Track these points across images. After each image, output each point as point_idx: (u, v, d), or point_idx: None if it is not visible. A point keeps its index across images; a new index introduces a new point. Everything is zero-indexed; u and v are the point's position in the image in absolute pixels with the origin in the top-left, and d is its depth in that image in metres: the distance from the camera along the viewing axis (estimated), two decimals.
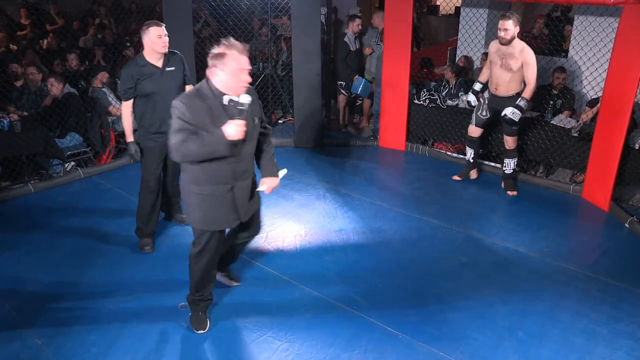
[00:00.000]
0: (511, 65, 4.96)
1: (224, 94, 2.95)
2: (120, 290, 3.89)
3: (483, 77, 5.40)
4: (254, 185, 3.32)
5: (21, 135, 5.37)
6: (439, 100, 6.42)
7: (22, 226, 4.79)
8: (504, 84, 5.08)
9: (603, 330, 3.52)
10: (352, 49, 6.98)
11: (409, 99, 6.46)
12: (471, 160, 5.66)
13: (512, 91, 5.07)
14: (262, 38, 8.51)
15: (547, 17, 8.35)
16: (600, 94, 5.43)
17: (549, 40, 7.20)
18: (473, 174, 5.73)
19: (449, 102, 6.42)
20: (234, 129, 2.88)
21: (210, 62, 2.94)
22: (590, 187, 5.31)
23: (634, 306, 3.76)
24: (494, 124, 5.51)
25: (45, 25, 9.03)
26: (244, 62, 2.92)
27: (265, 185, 3.34)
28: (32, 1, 9.11)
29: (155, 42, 3.99)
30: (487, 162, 6.04)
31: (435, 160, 6.39)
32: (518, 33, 4.90)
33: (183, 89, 4.30)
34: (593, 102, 5.81)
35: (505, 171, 5.49)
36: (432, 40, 11.27)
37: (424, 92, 6.56)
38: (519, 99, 4.97)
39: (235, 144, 2.96)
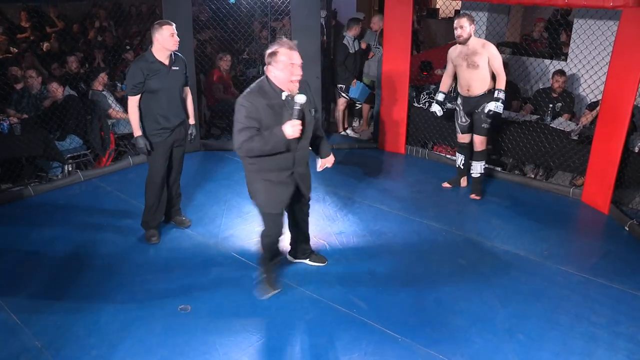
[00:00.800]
0: (477, 62, 4.96)
1: (282, 90, 3.31)
2: (119, 293, 3.88)
3: (444, 87, 5.44)
4: (308, 169, 3.74)
5: (21, 137, 5.37)
6: None
7: (22, 228, 4.78)
8: (475, 83, 5.07)
9: (603, 333, 3.52)
10: (351, 51, 6.99)
11: (408, 102, 6.47)
12: (461, 167, 5.64)
13: (484, 88, 5.05)
14: (261, 41, 8.51)
15: (547, 21, 8.35)
16: (599, 97, 5.44)
17: (549, 43, 7.22)
18: (463, 182, 5.68)
19: (449, 105, 6.41)
20: (291, 129, 3.22)
21: (265, 60, 3.31)
22: (590, 190, 5.31)
23: (634, 309, 3.76)
24: None
25: (45, 27, 9.04)
26: (294, 57, 3.27)
27: (324, 164, 3.81)
28: (32, 4, 9.12)
29: (167, 40, 4.12)
30: (485, 165, 6.02)
31: (435, 164, 6.40)
32: (475, 30, 4.96)
33: (183, 90, 4.44)
34: (593, 105, 5.81)
35: (473, 174, 5.43)
36: (432, 43, 11.28)
37: (423, 95, 6.56)
38: (497, 92, 4.95)
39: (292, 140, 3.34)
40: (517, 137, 5.85)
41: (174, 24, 4.18)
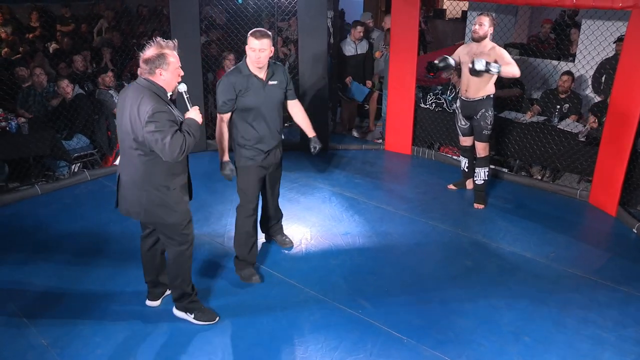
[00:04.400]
0: None
1: (167, 92, 3.19)
2: (125, 291, 3.90)
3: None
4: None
5: (28, 137, 5.40)
6: (445, 104, 6.41)
7: (29, 227, 4.81)
8: (474, 85, 4.94)
9: (610, 337, 3.49)
10: (347, 54, 6.97)
11: (415, 103, 6.45)
12: (466, 170, 5.58)
13: (482, 93, 4.94)
14: None
15: (555, 23, 8.31)
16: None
17: (556, 44, 7.18)
18: (469, 184, 5.62)
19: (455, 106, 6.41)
20: (197, 114, 3.23)
21: (147, 66, 3.08)
22: (597, 192, 5.28)
23: None
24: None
25: (55, 26, 9.08)
26: (178, 59, 3.20)
27: None
28: (41, 4, 9.17)
29: (249, 53, 3.68)
30: (491, 166, 6.00)
31: (441, 164, 6.38)
32: (491, 34, 4.82)
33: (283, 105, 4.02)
34: None
35: (476, 182, 5.28)
36: (439, 44, 11.26)
37: (430, 95, 6.55)
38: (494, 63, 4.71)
39: None
40: (524, 138, 5.83)
41: (264, 38, 3.59)
